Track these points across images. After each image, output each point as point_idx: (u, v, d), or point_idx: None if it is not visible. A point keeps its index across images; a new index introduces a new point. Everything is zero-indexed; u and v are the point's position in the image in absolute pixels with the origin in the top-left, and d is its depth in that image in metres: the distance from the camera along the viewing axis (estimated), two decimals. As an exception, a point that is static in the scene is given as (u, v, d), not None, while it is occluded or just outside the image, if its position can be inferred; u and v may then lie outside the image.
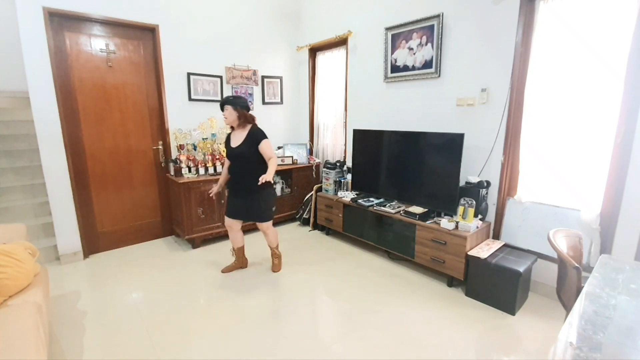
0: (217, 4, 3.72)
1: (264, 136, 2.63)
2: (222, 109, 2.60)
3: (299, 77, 4.60)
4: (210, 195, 2.84)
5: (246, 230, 3.86)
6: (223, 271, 2.92)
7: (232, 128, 2.71)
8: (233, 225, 2.82)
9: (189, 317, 2.29)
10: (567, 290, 1.62)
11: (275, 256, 2.95)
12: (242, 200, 2.70)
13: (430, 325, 2.20)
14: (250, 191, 2.63)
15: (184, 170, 3.40)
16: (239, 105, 2.58)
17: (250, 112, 2.70)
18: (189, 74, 3.62)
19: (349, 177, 3.73)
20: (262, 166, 2.58)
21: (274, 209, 2.81)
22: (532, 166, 2.56)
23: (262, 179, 2.42)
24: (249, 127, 2.64)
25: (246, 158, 2.59)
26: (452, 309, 2.38)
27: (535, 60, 2.43)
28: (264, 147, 2.59)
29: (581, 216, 2.28)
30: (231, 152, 2.65)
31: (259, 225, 2.81)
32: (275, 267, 2.94)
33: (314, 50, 4.34)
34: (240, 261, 2.97)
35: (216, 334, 2.12)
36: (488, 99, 2.69)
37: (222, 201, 3.53)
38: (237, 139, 2.63)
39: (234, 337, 2.09)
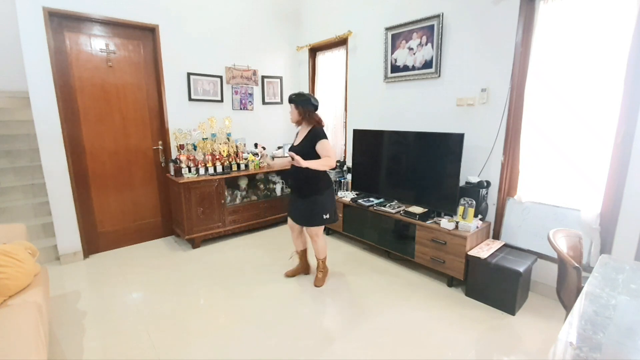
0: (217, 4, 3.72)
1: (323, 136, 2.44)
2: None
3: (299, 77, 4.60)
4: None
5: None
6: (287, 275, 2.84)
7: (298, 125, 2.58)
8: (293, 227, 2.75)
9: (189, 317, 2.29)
10: (567, 290, 1.62)
11: (321, 270, 2.75)
12: (297, 202, 2.59)
13: (430, 325, 2.20)
14: (305, 193, 2.54)
15: (184, 170, 3.40)
16: (300, 104, 2.47)
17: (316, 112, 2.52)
18: (189, 74, 3.62)
19: (349, 177, 3.73)
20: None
21: (325, 216, 2.54)
22: (532, 166, 2.55)
23: (296, 159, 2.30)
24: (311, 126, 2.50)
25: (303, 157, 2.37)
26: (452, 309, 2.38)
27: (535, 61, 2.43)
28: (320, 147, 2.40)
29: (581, 216, 2.28)
30: (292, 150, 2.50)
31: (307, 230, 2.66)
32: (319, 282, 2.71)
33: (314, 50, 4.34)
34: (303, 265, 2.88)
35: (216, 334, 2.12)
36: (488, 99, 2.69)
37: (223, 201, 3.53)
38: (299, 137, 2.55)
39: (234, 337, 2.09)
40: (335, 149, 4.29)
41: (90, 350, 1.98)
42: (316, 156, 2.40)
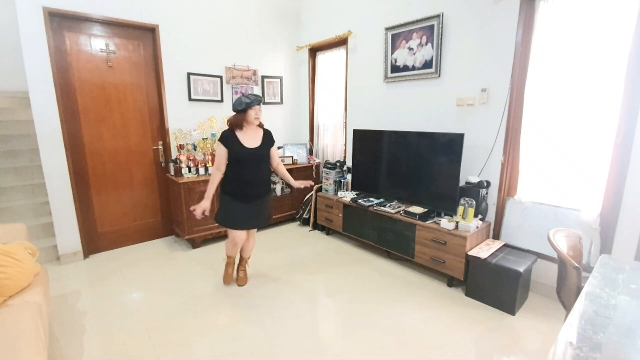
0: (217, 4, 3.72)
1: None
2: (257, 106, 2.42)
3: (299, 77, 4.60)
4: (194, 212, 2.43)
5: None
6: (239, 285, 2.74)
7: (238, 128, 2.41)
8: (241, 237, 2.56)
9: (188, 317, 2.29)
10: (567, 290, 1.62)
11: (246, 266, 2.82)
12: (253, 206, 2.52)
13: (430, 325, 2.20)
14: (263, 195, 2.57)
15: (184, 170, 3.40)
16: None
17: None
18: (189, 74, 3.62)
19: (349, 177, 3.73)
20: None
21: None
22: (532, 166, 2.55)
23: (304, 184, 2.72)
24: (260, 128, 2.55)
25: (266, 160, 2.52)
26: (452, 309, 2.38)
27: (535, 60, 2.43)
28: (275, 149, 2.61)
29: (581, 216, 2.28)
30: (249, 153, 2.42)
31: (254, 231, 2.73)
32: (244, 281, 2.75)
33: (314, 50, 4.34)
34: (235, 269, 2.84)
35: (216, 334, 2.12)
36: (488, 99, 2.69)
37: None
38: (255, 139, 2.46)
39: (234, 337, 2.09)
40: (335, 148, 4.30)
41: (90, 350, 1.98)
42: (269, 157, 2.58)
